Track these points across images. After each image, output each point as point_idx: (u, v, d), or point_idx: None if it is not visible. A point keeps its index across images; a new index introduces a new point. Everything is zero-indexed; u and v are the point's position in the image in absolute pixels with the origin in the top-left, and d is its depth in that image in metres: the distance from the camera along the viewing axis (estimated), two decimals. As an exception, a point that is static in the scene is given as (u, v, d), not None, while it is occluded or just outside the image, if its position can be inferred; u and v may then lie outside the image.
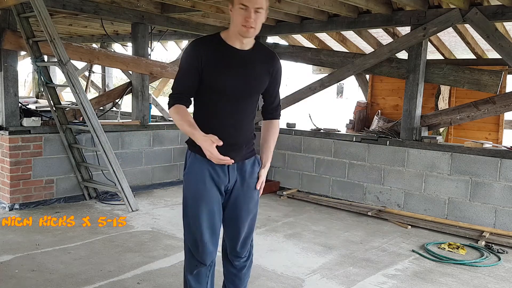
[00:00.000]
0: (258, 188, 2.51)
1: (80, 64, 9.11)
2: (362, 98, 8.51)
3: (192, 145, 2.39)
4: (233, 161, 2.28)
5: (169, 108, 2.38)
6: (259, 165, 2.53)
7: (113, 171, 5.13)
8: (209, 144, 2.19)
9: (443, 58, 7.21)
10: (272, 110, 2.58)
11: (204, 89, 2.35)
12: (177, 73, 2.40)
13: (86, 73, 9.48)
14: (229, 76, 2.31)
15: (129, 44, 9.13)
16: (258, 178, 2.52)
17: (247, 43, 2.33)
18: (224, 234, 2.58)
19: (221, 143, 2.20)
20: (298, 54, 6.87)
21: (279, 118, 2.61)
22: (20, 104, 5.30)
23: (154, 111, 7.71)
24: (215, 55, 2.30)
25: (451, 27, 5.39)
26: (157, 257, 3.87)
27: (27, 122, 5.14)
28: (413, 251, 4.28)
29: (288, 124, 6.61)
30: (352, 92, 33.27)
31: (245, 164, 2.47)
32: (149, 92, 6.49)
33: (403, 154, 5.46)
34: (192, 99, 2.40)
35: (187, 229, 2.46)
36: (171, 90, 2.40)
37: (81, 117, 5.47)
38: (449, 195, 5.14)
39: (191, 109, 2.38)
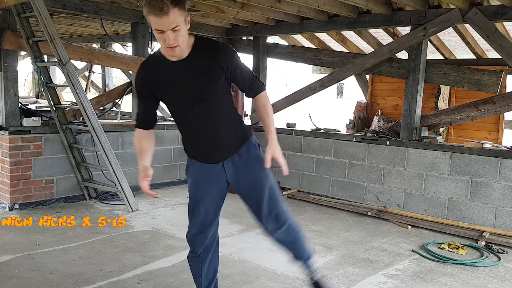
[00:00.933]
0: (268, 166, 2.42)
1: (80, 64, 9.10)
2: (362, 98, 8.50)
3: (184, 149, 2.59)
4: (159, 195, 2.57)
5: None
6: (255, 147, 2.54)
7: (113, 171, 5.13)
8: (140, 178, 2.48)
9: (443, 58, 7.21)
10: (250, 89, 2.51)
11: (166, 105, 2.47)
12: None
13: (86, 73, 9.48)
14: (170, 91, 2.37)
15: (129, 44, 9.13)
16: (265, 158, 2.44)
17: (183, 52, 2.28)
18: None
19: (144, 184, 2.45)
20: (298, 54, 6.87)
21: (262, 91, 2.52)
22: (20, 104, 5.30)
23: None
24: (156, 75, 2.36)
25: (451, 27, 5.39)
26: (157, 257, 3.87)
27: (27, 122, 5.14)
28: (413, 251, 4.28)
29: (288, 124, 6.61)
30: (352, 92, 33.23)
31: (240, 153, 2.50)
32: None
33: (403, 154, 5.46)
34: (153, 118, 2.53)
35: None
36: None
37: (81, 117, 5.47)
38: (449, 195, 5.14)
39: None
